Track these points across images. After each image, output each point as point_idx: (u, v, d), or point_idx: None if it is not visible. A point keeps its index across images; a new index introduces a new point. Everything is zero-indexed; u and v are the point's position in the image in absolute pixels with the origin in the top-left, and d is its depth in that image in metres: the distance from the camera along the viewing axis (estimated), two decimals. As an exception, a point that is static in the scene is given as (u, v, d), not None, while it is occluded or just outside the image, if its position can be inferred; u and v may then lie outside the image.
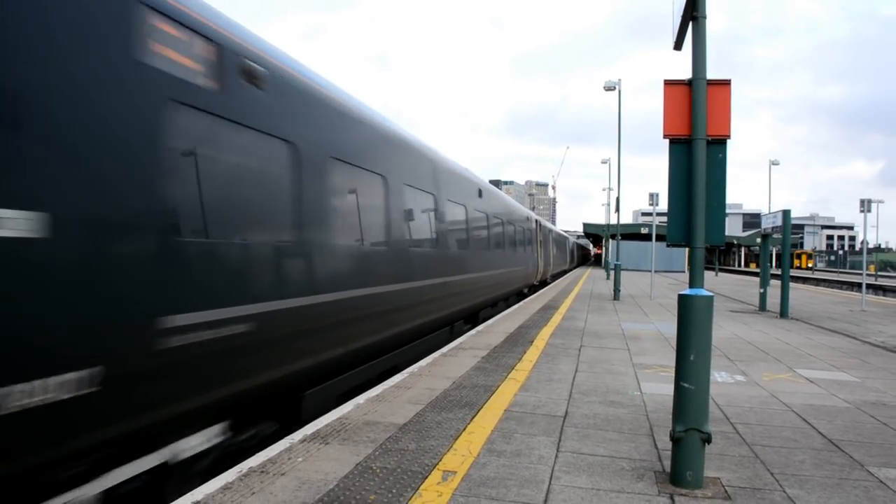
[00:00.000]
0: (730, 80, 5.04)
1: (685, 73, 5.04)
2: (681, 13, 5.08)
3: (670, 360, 9.38)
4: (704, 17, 4.91)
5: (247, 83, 5.40)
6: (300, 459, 5.07)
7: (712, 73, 4.96)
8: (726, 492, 4.69)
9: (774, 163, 60.77)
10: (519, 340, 12.01)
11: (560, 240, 49.78)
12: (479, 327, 14.04)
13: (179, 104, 4.62)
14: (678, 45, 5.37)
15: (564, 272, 55.95)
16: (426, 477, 4.79)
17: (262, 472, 4.79)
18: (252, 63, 5.46)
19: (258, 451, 5.34)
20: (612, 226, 43.03)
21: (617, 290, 24.82)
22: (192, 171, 4.83)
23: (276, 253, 5.89)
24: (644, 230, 59.21)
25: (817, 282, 54.24)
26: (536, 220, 29.39)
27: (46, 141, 3.57)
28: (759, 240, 26.61)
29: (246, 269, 5.44)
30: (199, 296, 4.78)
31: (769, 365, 10.25)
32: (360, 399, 7.05)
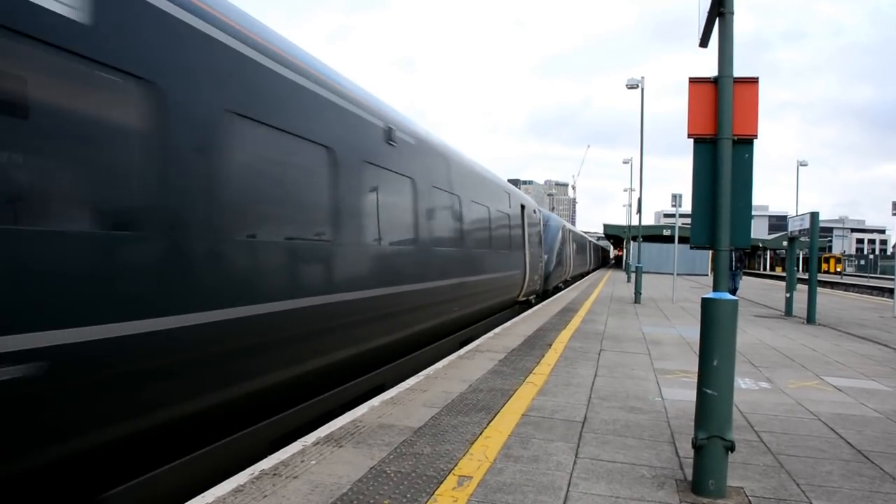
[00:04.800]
0: (757, 78, 4.93)
1: (710, 74, 4.94)
2: (707, 10, 4.98)
3: (693, 365, 9.23)
4: (732, 14, 4.80)
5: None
6: (313, 462, 5.02)
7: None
8: (750, 502, 4.57)
9: (802, 164, 60.29)
10: (537, 343, 11.90)
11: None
12: (497, 329, 13.95)
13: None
14: (704, 43, 5.27)
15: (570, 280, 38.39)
16: (441, 482, 4.72)
17: (275, 474, 4.74)
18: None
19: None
20: (634, 227, 42.75)
21: (638, 292, 24.61)
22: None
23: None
24: (666, 232, 58.74)
25: (846, 287, 53.50)
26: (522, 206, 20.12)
27: None
28: (785, 243, 26.26)
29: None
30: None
31: (795, 372, 10.06)
32: (375, 402, 6.99)
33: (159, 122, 4.52)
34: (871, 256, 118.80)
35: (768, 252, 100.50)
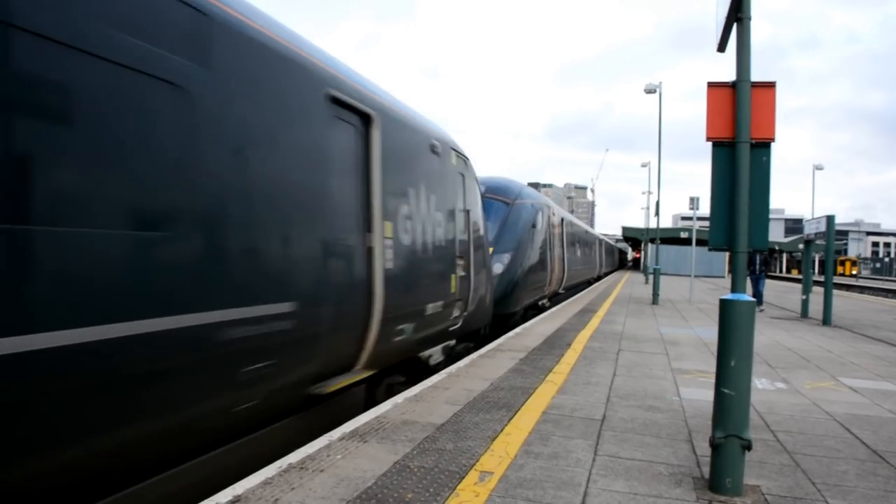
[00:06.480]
0: (774, 83, 4.98)
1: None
2: (725, 16, 5.04)
3: (710, 365, 9.32)
4: (749, 19, 4.86)
5: None
6: (339, 457, 5.13)
7: (752, 83, 4.91)
8: (766, 500, 4.63)
9: (818, 167, 59.91)
10: (556, 343, 11.98)
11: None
12: (517, 329, 14.04)
13: None
14: (722, 48, 5.32)
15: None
16: (463, 477, 4.81)
17: (302, 468, 4.86)
18: None
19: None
20: (652, 230, 42.64)
21: (656, 294, 24.59)
22: None
23: None
24: (684, 234, 58.56)
25: (861, 289, 53.03)
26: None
27: None
28: (801, 246, 26.16)
29: None
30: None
31: (811, 373, 10.09)
32: (399, 399, 7.11)
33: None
34: (887, 259, 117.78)
35: (784, 255, 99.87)
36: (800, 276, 34.01)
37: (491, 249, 14.45)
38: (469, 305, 10.77)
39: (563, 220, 24.73)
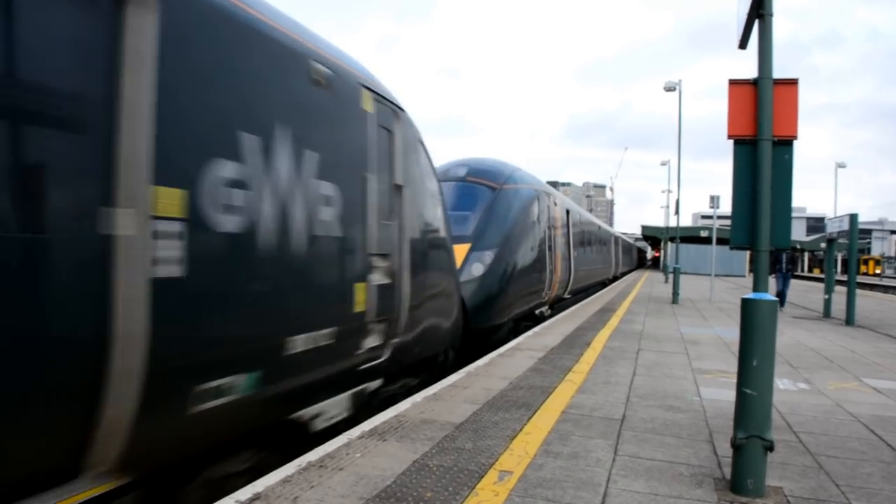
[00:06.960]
0: (797, 80, 4.92)
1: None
2: (746, 12, 5.00)
3: (730, 365, 9.25)
4: (771, 15, 4.81)
5: None
6: (358, 455, 5.14)
7: (773, 81, 4.87)
8: (789, 502, 4.58)
9: (841, 165, 59.34)
10: (576, 342, 11.94)
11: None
12: (537, 328, 14.00)
13: None
14: (743, 44, 5.28)
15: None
16: (483, 476, 4.80)
17: (321, 466, 4.87)
18: None
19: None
20: (672, 228, 42.38)
21: (676, 293, 24.43)
22: None
23: None
24: (704, 233, 58.12)
25: (885, 289, 52.35)
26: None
27: None
28: (823, 244, 25.88)
29: None
30: None
31: (834, 373, 9.97)
32: (417, 398, 7.12)
33: None
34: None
35: (806, 254, 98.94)
36: (822, 276, 33.64)
37: (468, 246, 12.48)
38: (401, 328, 7.29)
39: (568, 211, 21.33)
